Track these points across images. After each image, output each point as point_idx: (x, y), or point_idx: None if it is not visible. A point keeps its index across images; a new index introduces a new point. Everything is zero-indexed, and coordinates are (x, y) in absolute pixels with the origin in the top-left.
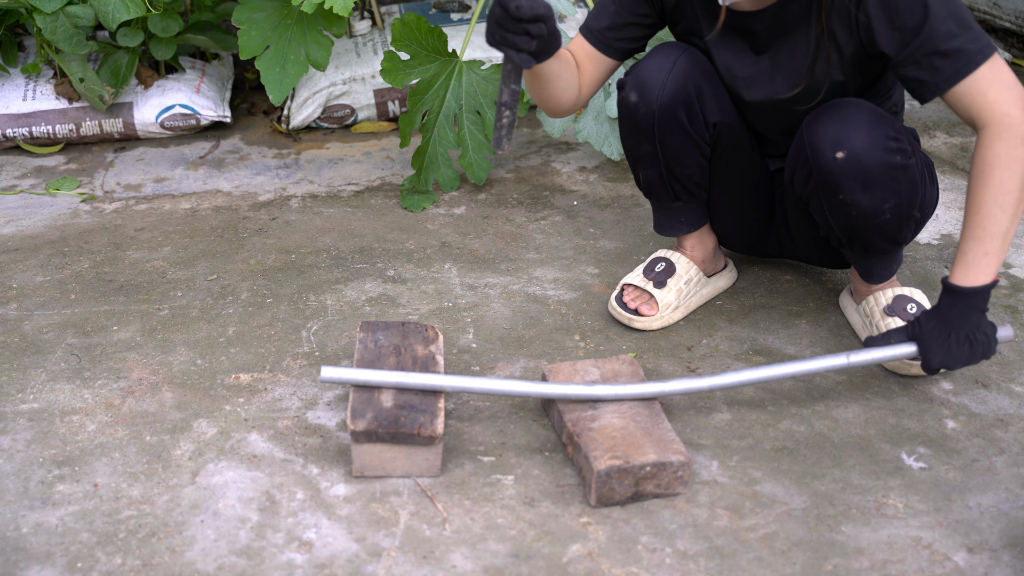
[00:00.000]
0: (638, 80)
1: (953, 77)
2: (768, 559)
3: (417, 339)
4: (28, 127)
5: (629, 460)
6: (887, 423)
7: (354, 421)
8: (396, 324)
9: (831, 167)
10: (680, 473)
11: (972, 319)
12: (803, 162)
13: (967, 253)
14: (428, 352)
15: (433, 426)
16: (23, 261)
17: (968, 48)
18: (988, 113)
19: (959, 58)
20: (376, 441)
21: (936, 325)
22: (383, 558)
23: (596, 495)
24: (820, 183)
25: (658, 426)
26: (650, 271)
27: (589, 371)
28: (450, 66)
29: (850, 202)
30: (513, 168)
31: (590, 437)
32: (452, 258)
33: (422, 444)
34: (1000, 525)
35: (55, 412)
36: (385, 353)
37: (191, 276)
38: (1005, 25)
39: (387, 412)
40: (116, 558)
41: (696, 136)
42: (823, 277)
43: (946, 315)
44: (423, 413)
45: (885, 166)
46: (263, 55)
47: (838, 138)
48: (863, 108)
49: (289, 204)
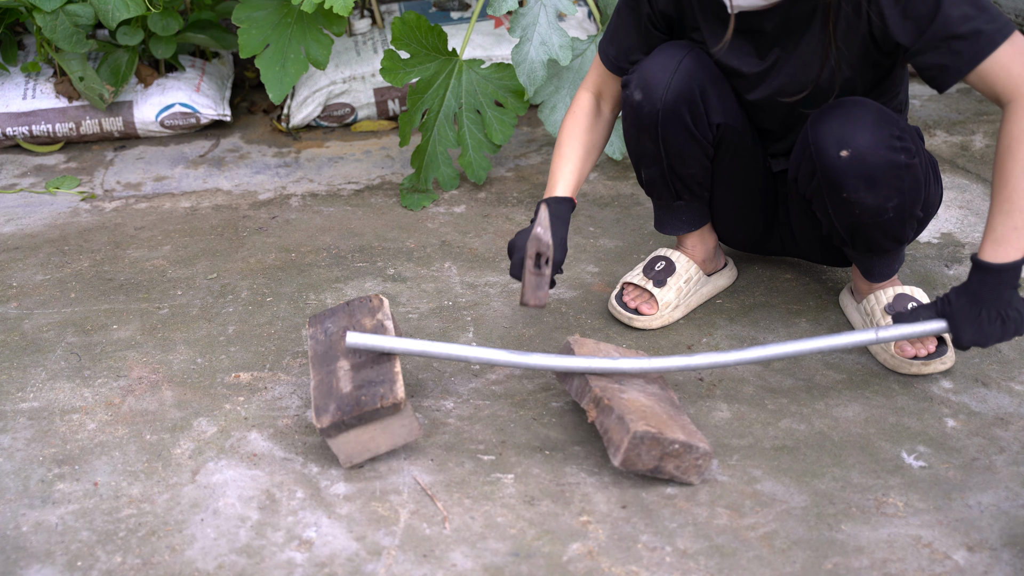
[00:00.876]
0: (642, 79)
1: (974, 59)
2: (768, 558)
3: (364, 313)
4: (28, 126)
5: (662, 432)
6: (887, 422)
7: (319, 418)
8: (342, 307)
9: (835, 165)
10: (701, 462)
11: (1004, 296)
12: (807, 160)
13: (996, 228)
14: (376, 321)
15: (393, 393)
16: (23, 260)
17: (986, 28)
18: (1013, 88)
19: (978, 39)
20: (346, 429)
21: (967, 302)
22: (383, 557)
23: (623, 456)
24: (824, 181)
25: (681, 416)
26: (650, 270)
27: (611, 353)
28: (450, 65)
29: (854, 200)
30: (513, 167)
31: (621, 402)
32: (452, 257)
33: (390, 414)
34: (1000, 524)
35: (55, 411)
36: (336, 339)
37: (191, 275)
38: None
39: (347, 397)
40: (116, 557)
41: (699, 136)
42: (823, 276)
43: (977, 292)
44: (381, 384)
45: (889, 165)
46: (263, 54)
47: (842, 136)
48: (868, 107)
49: (289, 203)
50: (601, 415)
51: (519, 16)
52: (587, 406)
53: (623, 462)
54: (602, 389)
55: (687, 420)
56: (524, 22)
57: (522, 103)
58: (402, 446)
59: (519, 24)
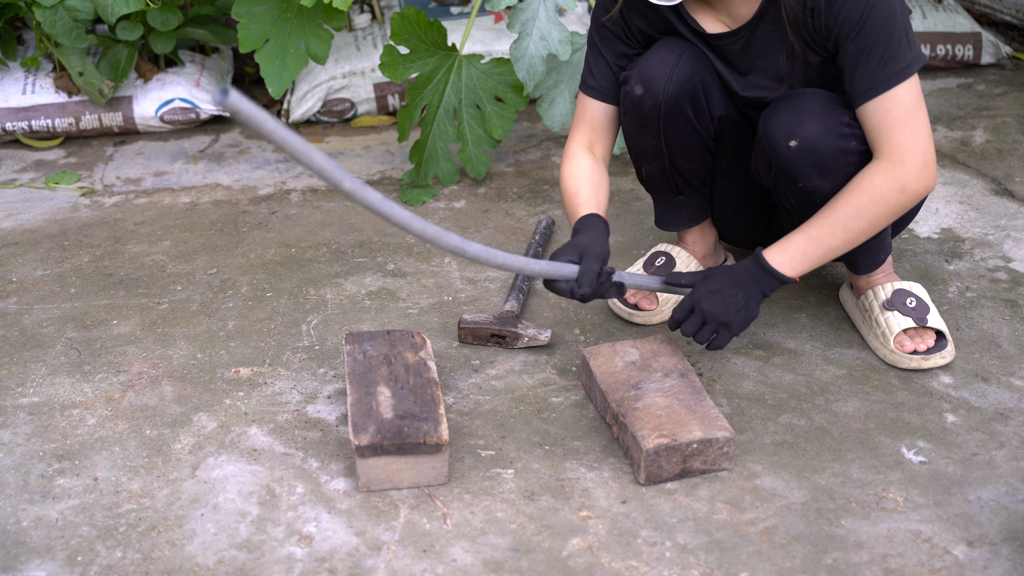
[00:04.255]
0: (643, 73)
1: (866, 94)
2: (768, 553)
3: (405, 346)
4: (27, 121)
5: (676, 438)
6: (887, 417)
7: (357, 436)
8: (381, 333)
9: (786, 156)
10: (726, 449)
11: (755, 293)
12: (761, 152)
13: (793, 241)
14: (419, 358)
15: (438, 433)
16: (23, 255)
17: (887, 69)
18: (888, 149)
19: (878, 73)
20: (381, 454)
21: (727, 279)
22: (383, 552)
23: (645, 473)
24: (779, 172)
25: (700, 403)
26: (650, 265)
27: (628, 351)
28: (450, 60)
29: (810, 189)
30: (513, 162)
31: (636, 417)
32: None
33: (428, 453)
34: (1000, 519)
35: (55, 406)
36: (376, 363)
37: (191, 270)
38: (1005, 19)
39: (389, 423)
40: (116, 552)
41: (701, 130)
42: (823, 272)
43: (740, 276)
44: (425, 421)
45: (839, 151)
46: (263, 49)
47: (790, 127)
48: (815, 96)
49: (289, 198)
50: (620, 432)
51: (518, 11)
52: (610, 422)
53: (647, 478)
54: (618, 404)
55: (708, 405)
56: (523, 17)
57: (522, 98)
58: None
59: (518, 19)
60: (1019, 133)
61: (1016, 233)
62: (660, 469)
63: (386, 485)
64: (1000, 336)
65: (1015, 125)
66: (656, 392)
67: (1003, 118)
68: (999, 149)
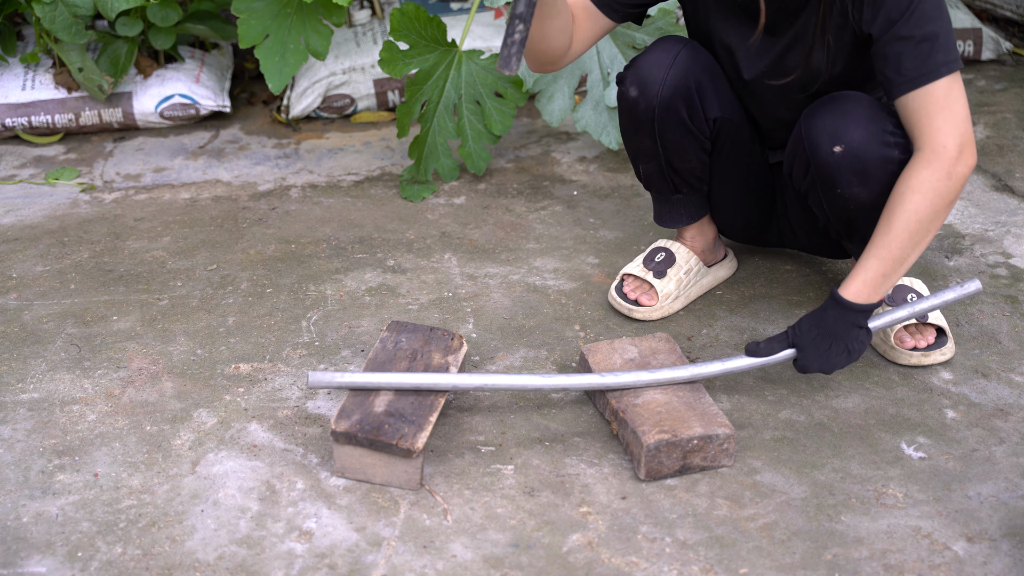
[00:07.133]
0: (638, 75)
1: (912, 83)
2: (768, 548)
3: (438, 346)
4: (27, 117)
5: (677, 434)
6: (887, 413)
7: (337, 421)
8: (423, 328)
9: (829, 161)
10: (726, 446)
11: (853, 332)
12: (801, 156)
13: (868, 270)
14: (444, 361)
15: (414, 440)
16: (23, 251)
17: (940, 58)
18: (927, 137)
19: (928, 61)
20: (355, 444)
21: (819, 335)
22: (383, 547)
23: (645, 469)
24: (818, 177)
25: (700, 400)
26: (650, 261)
27: (627, 349)
28: (449, 56)
29: (848, 196)
30: (513, 158)
31: (636, 413)
32: (452, 248)
33: (400, 456)
34: (999, 515)
35: (55, 402)
36: (400, 356)
37: (191, 266)
38: (1006, 15)
39: (373, 417)
40: (116, 547)
41: (696, 131)
42: (823, 267)
43: (831, 327)
44: (410, 424)
45: (882, 160)
46: (263, 44)
47: (836, 132)
48: (861, 101)
49: (289, 194)
50: (620, 428)
51: None
52: (609, 418)
53: (647, 474)
54: (617, 400)
55: (708, 402)
56: None
57: (521, 94)
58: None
59: None
60: (1019, 129)
61: (1016, 229)
62: (660, 465)
63: (359, 476)
64: (1000, 332)
65: (1015, 121)
66: (656, 389)
67: (1003, 114)
68: (999, 145)
